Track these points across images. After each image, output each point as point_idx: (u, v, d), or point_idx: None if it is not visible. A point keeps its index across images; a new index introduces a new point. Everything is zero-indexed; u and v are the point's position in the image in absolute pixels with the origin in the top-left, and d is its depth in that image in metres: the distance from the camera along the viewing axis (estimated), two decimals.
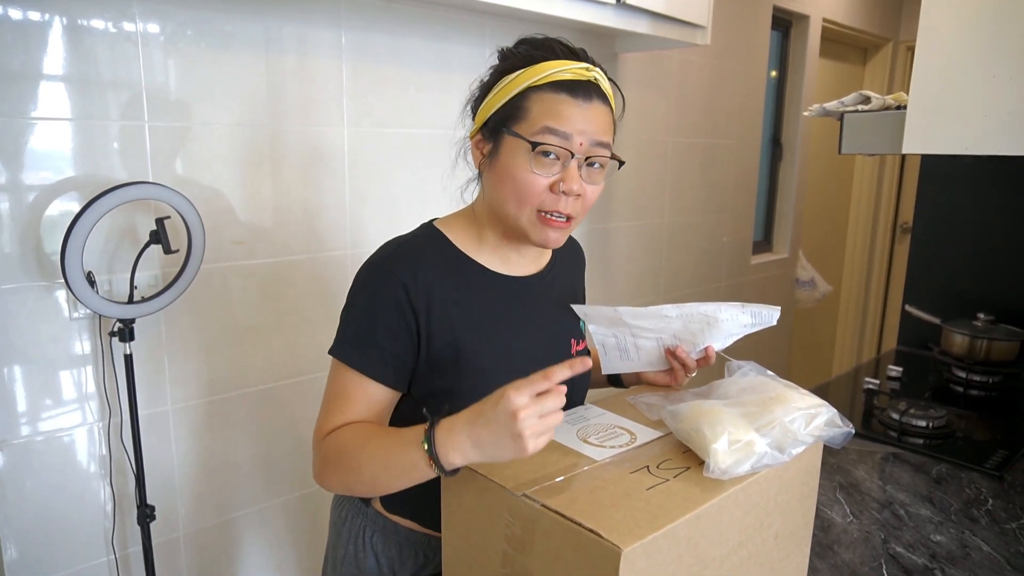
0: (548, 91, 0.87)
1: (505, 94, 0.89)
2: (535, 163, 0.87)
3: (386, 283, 0.89)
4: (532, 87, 0.88)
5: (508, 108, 0.89)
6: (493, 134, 0.91)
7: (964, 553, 1.06)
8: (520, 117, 0.88)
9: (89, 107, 1.25)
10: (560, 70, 0.88)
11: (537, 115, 0.87)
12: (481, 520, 0.79)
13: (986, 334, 1.80)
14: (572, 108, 0.87)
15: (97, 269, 1.29)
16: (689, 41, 2.03)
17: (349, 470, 0.85)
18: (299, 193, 1.55)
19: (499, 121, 0.90)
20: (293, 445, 1.63)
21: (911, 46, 3.92)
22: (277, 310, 1.56)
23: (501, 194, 0.90)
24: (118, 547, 1.39)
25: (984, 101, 1.20)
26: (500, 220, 0.94)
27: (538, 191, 0.88)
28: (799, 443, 0.80)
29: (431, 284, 0.90)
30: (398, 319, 0.88)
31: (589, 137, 0.88)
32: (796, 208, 3.34)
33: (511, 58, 0.92)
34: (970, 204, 2.00)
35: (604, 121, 0.91)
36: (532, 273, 1.01)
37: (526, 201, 0.88)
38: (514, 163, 0.88)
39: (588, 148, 0.88)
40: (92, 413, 1.34)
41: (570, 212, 0.89)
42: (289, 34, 1.48)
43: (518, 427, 0.70)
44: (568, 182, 0.87)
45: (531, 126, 0.87)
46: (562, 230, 0.91)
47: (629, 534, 0.66)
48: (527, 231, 0.91)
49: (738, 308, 0.95)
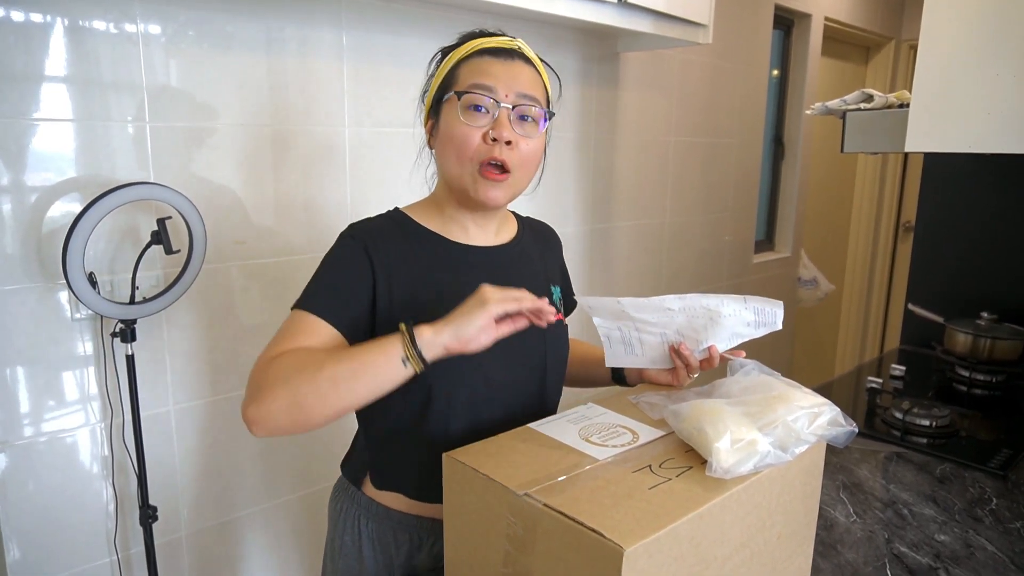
0: (474, 57, 0.96)
1: (441, 74, 0.98)
2: (465, 116, 0.93)
3: (347, 246, 0.95)
4: (461, 59, 0.96)
5: (443, 82, 0.97)
6: (435, 111, 0.98)
7: (968, 553, 1.05)
8: (452, 84, 0.96)
9: (91, 108, 1.25)
10: (485, 41, 0.97)
11: (465, 77, 0.95)
12: (482, 520, 0.79)
13: (989, 333, 1.80)
14: (495, 65, 0.94)
15: (99, 270, 1.29)
16: (691, 40, 2.02)
17: (307, 374, 0.80)
18: (301, 193, 1.55)
19: (438, 96, 0.97)
20: (295, 445, 1.63)
21: (913, 45, 3.91)
22: (279, 310, 1.56)
23: (447, 159, 0.96)
24: (120, 548, 1.39)
25: (987, 99, 1.20)
26: (452, 189, 0.98)
27: (473, 142, 0.92)
28: (802, 442, 0.80)
29: (390, 252, 0.94)
30: (355, 271, 0.93)
31: (514, 90, 0.93)
32: (798, 207, 3.34)
33: (448, 48, 1.01)
34: (973, 203, 2.00)
35: (530, 77, 0.96)
36: (496, 244, 1.03)
37: (463, 154, 0.93)
38: (449, 122, 0.94)
39: (515, 99, 0.93)
40: (94, 414, 1.34)
41: (505, 160, 0.92)
42: (290, 35, 1.48)
43: (484, 295, 0.82)
44: (497, 129, 0.92)
45: (461, 86, 0.94)
46: (500, 184, 0.94)
47: (631, 534, 0.65)
48: (468, 188, 0.94)
49: (740, 303, 0.95)
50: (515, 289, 0.85)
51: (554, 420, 0.93)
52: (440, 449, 0.83)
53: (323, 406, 0.80)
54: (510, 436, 0.88)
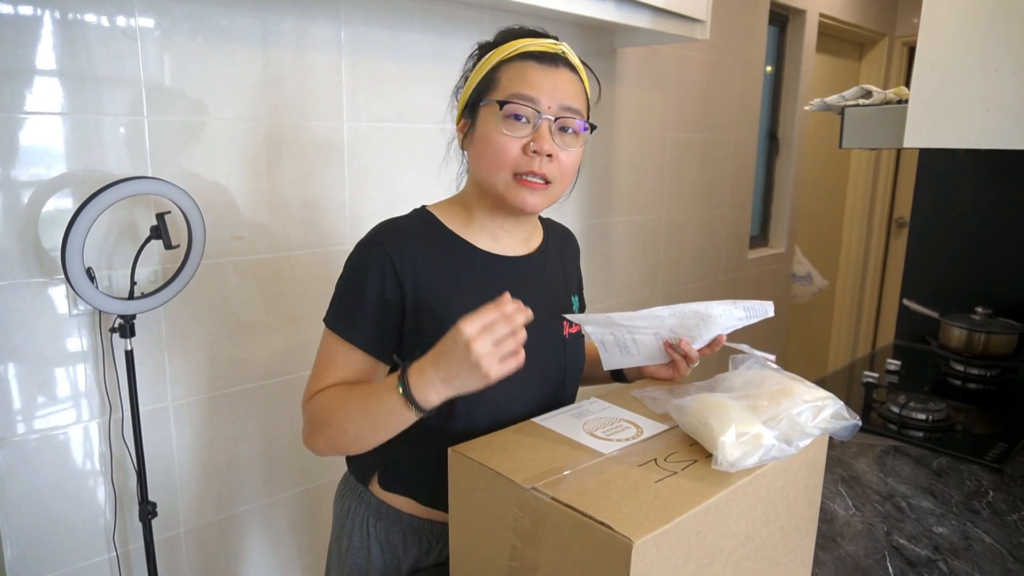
0: (516, 61, 0.92)
1: (479, 73, 0.95)
2: (505, 125, 0.90)
3: (373, 257, 0.92)
4: (502, 60, 0.93)
5: (482, 84, 0.94)
6: (471, 112, 0.96)
7: (967, 545, 1.06)
8: (492, 88, 0.93)
9: (87, 102, 1.24)
10: (528, 43, 0.93)
11: (507, 82, 0.92)
12: (489, 514, 0.79)
13: (984, 328, 1.81)
14: (538, 72, 0.91)
15: (97, 265, 1.28)
16: (688, 36, 2.02)
17: (332, 427, 0.90)
18: (299, 188, 1.55)
19: (475, 98, 0.95)
20: (295, 440, 1.63)
21: (907, 41, 3.93)
22: (278, 305, 1.56)
23: (481, 165, 0.94)
24: (119, 544, 1.39)
25: (986, 95, 1.21)
26: (484, 193, 0.96)
27: (512, 153, 0.90)
28: (806, 436, 0.80)
29: (417, 259, 0.93)
30: (383, 291, 0.91)
31: (557, 101, 0.91)
32: (793, 203, 3.35)
33: (486, 45, 0.98)
34: (968, 198, 2.01)
35: (573, 87, 0.94)
36: (523, 254, 1.02)
37: (501, 164, 0.91)
38: (488, 129, 0.92)
39: (557, 111, 0.91)
40: (92, 410, 1.33)
41: (545, 173, 0.91)
42: (288, 28, 1.47)
43: (474, 356, 0.76)
44: (538, 141, 0.90)
45: (502, 93, 0.91)
46: (538, 192, 0.92)
47: (640, 527, 0.66)
48: (504, 196, 0.93)
49: (730, 304, 0.95)
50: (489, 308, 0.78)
51: (558, 415, 0.93)
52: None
53: (356, 447, 0.91)
54: (514, 431, 0.89)
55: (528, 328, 0.98)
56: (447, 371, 0.79)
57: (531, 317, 0.80)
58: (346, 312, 0.93)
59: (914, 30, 3.88)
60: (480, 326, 0.77)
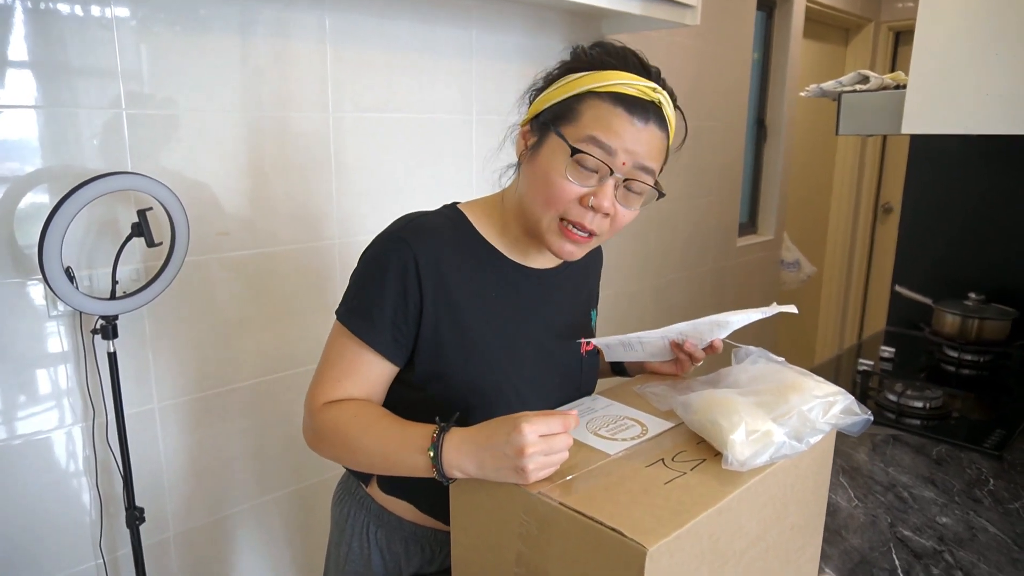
0: (606, 100, 0.83)
1: (563, 92, 0.86)
2: (571, 170, 0.83)
3: (397, 254, 0.86)
4: (591, 92, 0.84)
5: (562, 107, 0.85)
6: (541, 129, 0.87)
7: (971, 535, 1.06)
8: (571, 119, 0.84)
9: (62, 95, 1.19)
10: (624, 82, 0.83)
11: (588, 121, 0.83)
12: (493, 519, 0.76)
13: (977, 314, 1.81)
14: (625, 124, 0.83)
15: (76, 264, 1.23)
16: (678, 21, 1.99)
17: (345, 449, 0.86)
18: (284, 181, 1.50)
19: (550, 117, 0.86)
20: (286, 440, 1.59)
21: (893, 26, 3.93)
22: (265, 302, 1.52)
23: (531, 191, 0.88)
24: (106, 550, 1.35)
25: (985, 80, 1.19)
26: (525, 216, 0.91)
27: (567, 198, 0.84)
28: (817, 432, 0.78)
29: (442, 260, 0.87)
30: (404, 291, 0.86)
31: (634, 159, 0.84)
32: (781, 190, 3.34)
33: (581, 58, 0.88)
34: (960, 183, 2.00)
35: (655, 146, 0.86)
36: (548, 267, 0.98)
37: (552, 205, 0.85)
38: (552, 163, 0.84)
39: (630, 170, 0.84)
40: (75, 414, 1.29)
41: (594, 229, 0.86)
42: (269, 17, 1.42)
43: (523, 462, 0.71)
44: (600, 198, 0.84)
45: (578, 131, 0.83)
46: (581, 244, 0.88)
47: (652, 532, 0.63)
48: (545, 236, 0.88)
49: (749, 311, 0.94)
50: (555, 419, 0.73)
51: None
52: None
53: (366, 470, 0.89)
54: None
55: (545, 338, 0.96)
56: (485, 460, 0.74)
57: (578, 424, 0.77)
58: (363, 310, 0.87)
59: (899, 15, 3.88)
60: (540, 434, 0.72)
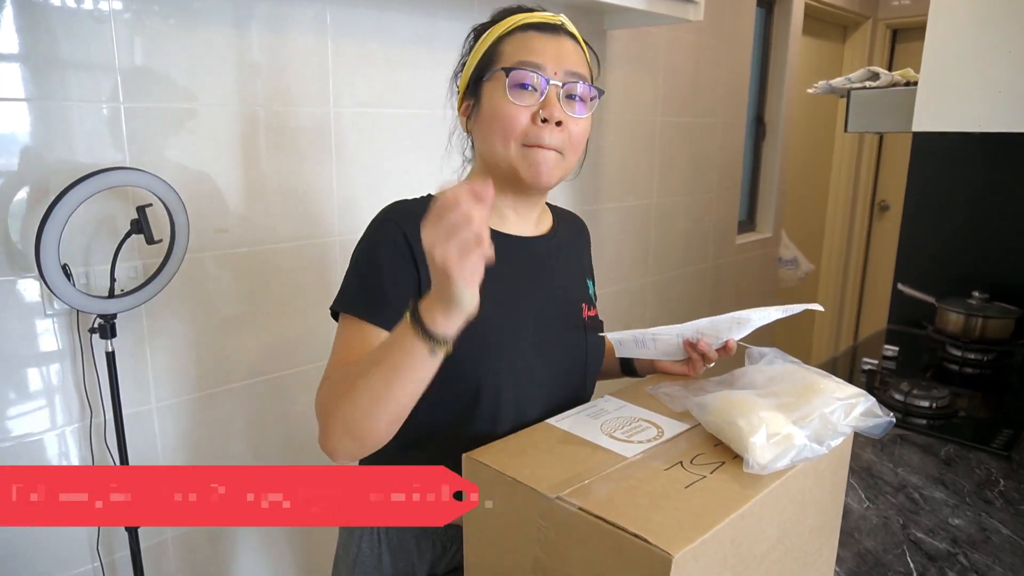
0: (517, 33, 0.91)
1: (479, 52, 0.92)
2: (512, 94, 0.87)
3: (388, 234, 0.87)
4: (502, 35, 0.91)
5: (483, 61, 0.91)
6: (474, 91, 0.93)
7: (984, 537, 1.05)
8: (495, 62, 0.90)
9: (60, 88, 1.16)
10: (526, 16, 0.92)
11: (510, 53, 0.89)
12: (509, 524, 0.74)
13: (981, 312, 1.80)
14: (542, 41, 0.89)
15: (73, 261, 1.20)
16: (681, 16, 1.98)
17: (346, 399, 0.77)
18: (284, 177, 1.48)
19: (477, 75, 0.92)
20: (285, 439, 1.57)
21: (890, 24, 3.92)
22: (265, 300, 1.49)
23: (489, 139, 0.90)
24: (103, 553, 1.32)
25: (996, 78, 1.18)
26: (495, 172, 0.92)
27: (521, 122, 0.87)
28: (838, 434, 0.77)
29: None
30: (400, 267, 0.86)
31: (563, 67, 0.89)
32: (779, 187, 3.33)
33: (483, 25, 0.96)
34: (961, 181, 2.00)
35: (577, 55, 0.92)
36: (535, 235, 0.99)
37: (510, 134, 0.88)
38: (494, 102, 0.89)
39: (563, 76, 0.89)
40: (71, 414, 1.26)
41: (556, 145, 0.88)
42: (271, 11, 1.39)
43: (439, 262, 0.65)
44: (548, 108, 0.87)
45: (505, 63, 0.89)
46: (552, 160, 0.89)
47: (677, 538, 0.62)
48: (517, 167, 0.89)
49: (770, 309, 0.92)
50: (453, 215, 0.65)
51: (572, 415, 0.89)
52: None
53: (375, 423, 0.77)
54: (529, 433, 0.84)
55: (544, 305, 0.95)
56: (438, 290, 0.69)
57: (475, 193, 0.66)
58: (359, 290, 0.87)
59: (897, 13, 3.88)
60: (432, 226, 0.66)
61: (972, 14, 1.21)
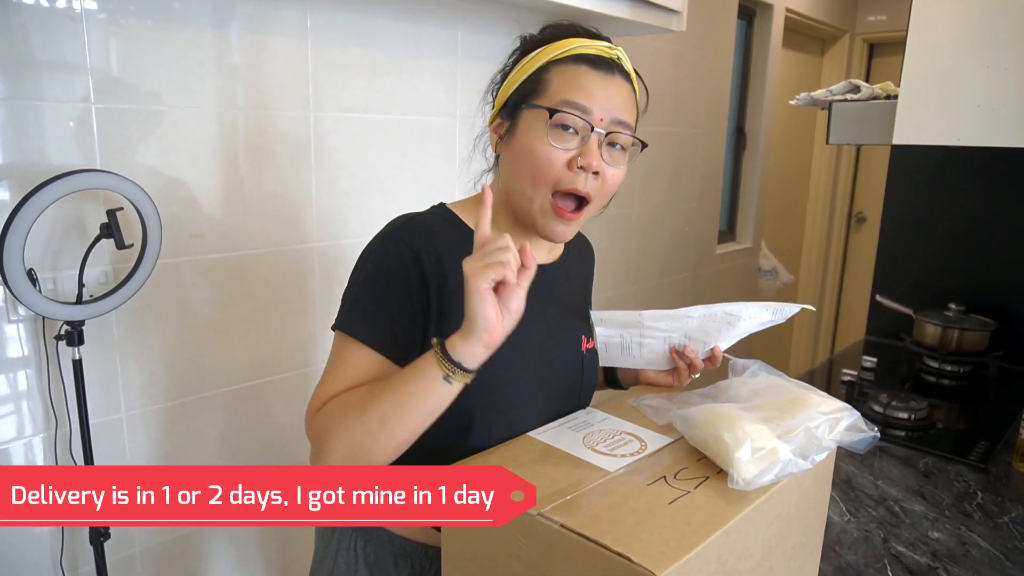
0: (569, 63, 0.84)
1: (525, 72, 0.86)
2: (553, 135, 0.82)
3: (396, 253, 0.83)
4: (552, 61, 0.85)
5: (527, 84, 0.85)
6: (512, 113, 0.87)
7: (964, 551, 1.05)
8: (539, 91, 0.84)
9: (28, 87, 1.13)
10: (582, 44, 0.84)
11: (557, 87, 0.83)
12: (489, 540, 0.73)
13: (958, 324, 1.82)
14: (593, 80, 0.83)
15: (40, 266, 1.16)
16: (665, 27, 1.98)
17: (354, 419, 0.76)
18: (262, 182, 1.45)
19: (518, 98, 0.86)
20: (261, 449, 1.53)
21: (867, 38, 3.98)
22: (241, 307, 1.46)
23: (517, 173, 0.86)
24: (67, 568, 1.28)
25: (978, 92, 1.19)
26: (513, 206, 0.88)
27: (555, 166, 0.82)
28: (823, 449, 0.76)
29: (443, 259, 0.83)
30: (407, 290, 0.82)
31: (610, 113, 0.84)
32: (759, 198, 3.36)
33: (533, 39, 0.89)
34: (940, 194, 2.02)
35: (626, 99, 0.87)
36: (546, 263, 0.95)
37: (542, 178, 0.83)
38: (531, 137, 0.83)
39: (609, 124, 0.84)
40: (36, 424, 1.22)
41: (588, 192, 0.84)
42: (249, 13, 1.37)
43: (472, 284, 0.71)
44: (587, 157, 0.82)
45: (551, 99, 0.83)
46: (571, 223, 0.86)
47: (662, 557, 0.60)
48: (536, 219, 0.85)
49: (761, 307, 0.92)
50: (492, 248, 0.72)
51: (554, 428, 0.87)
52: None
53: (380, 447, 0.75)
54: (510, 447, 0.83)
55: (547, 334, 0.93)
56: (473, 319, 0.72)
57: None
58: (361, 311, 0.83)
59: (874, 28, 3.94)
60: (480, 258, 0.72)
61: (952, 30, 1.22)
